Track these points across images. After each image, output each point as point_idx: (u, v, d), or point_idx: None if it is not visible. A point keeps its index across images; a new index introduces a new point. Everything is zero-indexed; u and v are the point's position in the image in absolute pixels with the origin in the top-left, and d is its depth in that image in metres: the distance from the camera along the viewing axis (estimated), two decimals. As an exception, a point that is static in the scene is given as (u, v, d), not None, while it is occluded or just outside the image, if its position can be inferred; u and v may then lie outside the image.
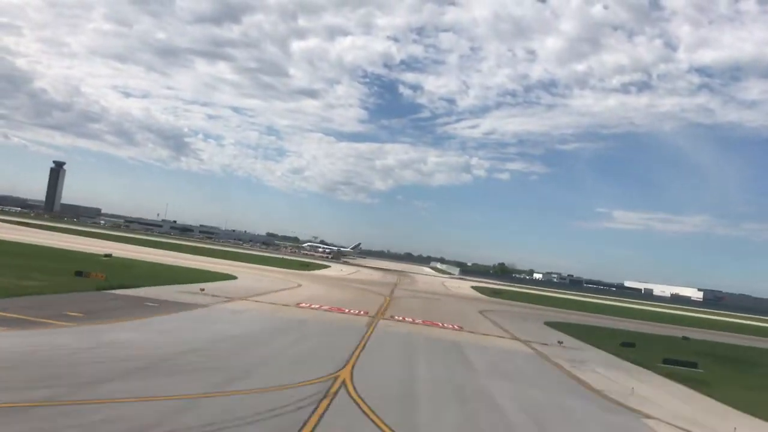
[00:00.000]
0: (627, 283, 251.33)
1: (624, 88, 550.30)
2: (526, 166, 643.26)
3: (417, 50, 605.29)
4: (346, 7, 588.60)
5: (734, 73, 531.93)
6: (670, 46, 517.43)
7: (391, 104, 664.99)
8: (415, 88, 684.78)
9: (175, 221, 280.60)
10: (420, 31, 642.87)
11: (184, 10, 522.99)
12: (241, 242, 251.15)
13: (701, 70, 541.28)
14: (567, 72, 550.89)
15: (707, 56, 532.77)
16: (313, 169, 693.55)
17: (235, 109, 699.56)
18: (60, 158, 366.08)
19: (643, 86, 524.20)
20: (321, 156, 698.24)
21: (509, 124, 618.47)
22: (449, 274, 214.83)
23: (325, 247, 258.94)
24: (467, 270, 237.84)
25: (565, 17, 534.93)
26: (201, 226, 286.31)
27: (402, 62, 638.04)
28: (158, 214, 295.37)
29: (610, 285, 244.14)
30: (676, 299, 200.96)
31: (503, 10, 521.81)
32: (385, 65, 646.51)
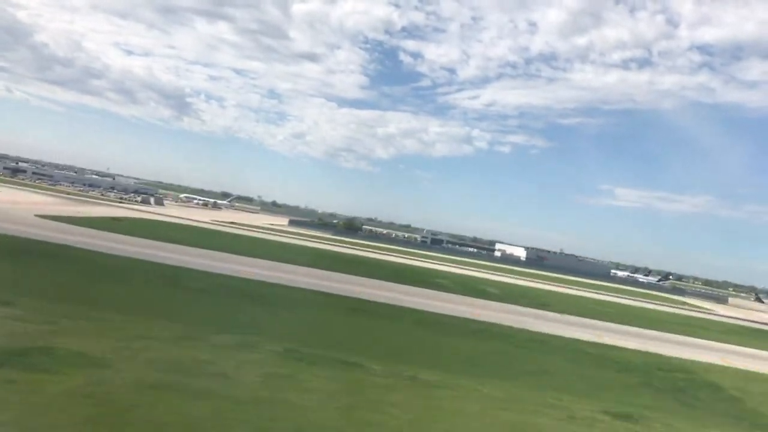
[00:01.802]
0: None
1: (624, 64, 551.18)
2: (527, 139, 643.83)
3: (418, 17, 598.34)
4: None
5: (735, 52, 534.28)
6: (672, 22, 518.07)
7: (392, 71, 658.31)
8: (416, 56, 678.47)
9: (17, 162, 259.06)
10: None
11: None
12: (86, 187, 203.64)
13: (702, 48, 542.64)
14: (568, 45, 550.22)
15: (708, 34, 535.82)
16: (315, 134, 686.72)
17: (237, 71, 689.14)
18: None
19: (644, 63, 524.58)
20: (322, 121, 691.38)
21: (510, 95, 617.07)
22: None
23: (201, 198, 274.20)
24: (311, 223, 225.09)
25: None
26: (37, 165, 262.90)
27: (403, 29, 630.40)
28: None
29: (469, 245, 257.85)
30: (504, 258, 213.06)
31: None
32: (386, 31, 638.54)
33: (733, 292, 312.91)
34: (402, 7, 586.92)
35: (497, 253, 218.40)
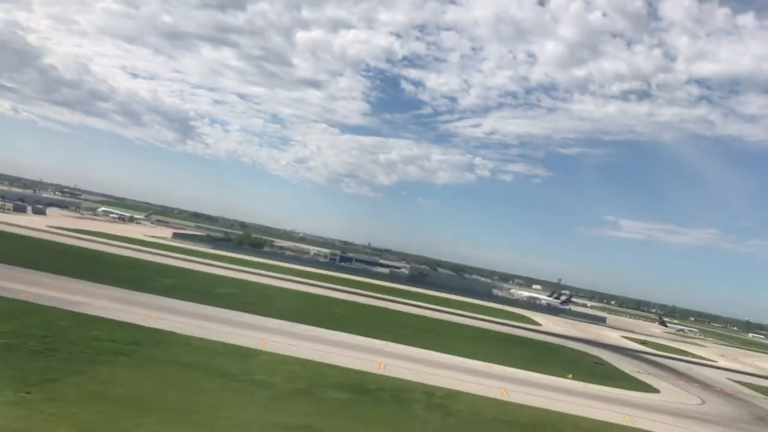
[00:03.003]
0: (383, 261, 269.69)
1: (624, 96, 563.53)
2: (529, 169, 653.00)
3: (419, 47, 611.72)
4: (349, 0, 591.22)
5: (732, 86, 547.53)
6: (669, 56, 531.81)
7: (393, 99, 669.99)
8: (417, 84, 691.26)
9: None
10: (422, 28, 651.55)
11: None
12: None
13: (700, 82, 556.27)
14: (567, 76, 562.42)
15: (706, 68, 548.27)
16: (317, 159, 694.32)
17: (241, 96, 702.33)
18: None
19: (643, 95, 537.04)
20: (325, 147, 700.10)
21: (510, 125, 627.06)
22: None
23: (118, 213, 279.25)
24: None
25: (564, 22, 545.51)
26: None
27: (404, 58, 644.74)
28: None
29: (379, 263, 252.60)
30: (393, 275, 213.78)
31: (504, 12, 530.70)
32: (388, 60, 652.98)
33: (649, 317, 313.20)
34: (403, 38, 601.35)
35: (386, 270, 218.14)
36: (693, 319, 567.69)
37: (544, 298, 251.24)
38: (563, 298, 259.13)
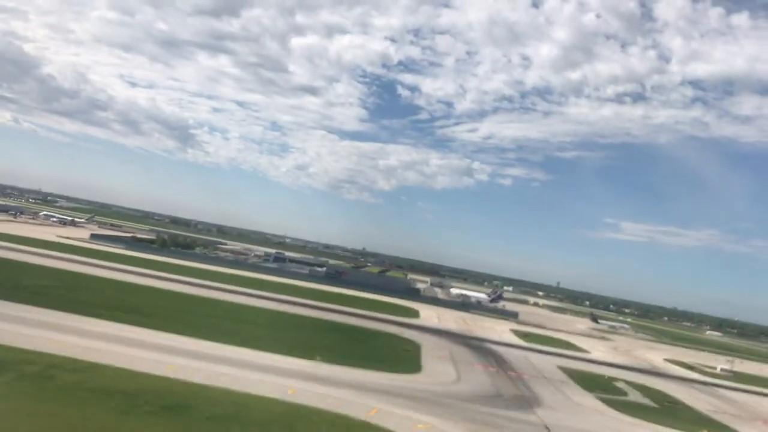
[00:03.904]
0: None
1: (619, 98, 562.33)
2: (527, 172, 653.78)
3: (414, 51, 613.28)
4: (343, 5, 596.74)
5: (727, 87, 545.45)
6: (663, 57, 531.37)
7: (390, 104, 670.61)
8: (413, 89, 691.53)
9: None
10: (416, 32, 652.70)
11: (184, 1, 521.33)
12: None
13: (694, 83, 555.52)
14: (562, 80, 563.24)
15: (700, 69, 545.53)
16: (317, 166, 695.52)
17: (239, 103, 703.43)
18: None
19: (638, 97, 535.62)
20: (324, 153, 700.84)
21: (507, 129, 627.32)
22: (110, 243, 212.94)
23: (59, 216, 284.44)
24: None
25: (558, 24, 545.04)
26: None
27: (400, 63, 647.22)
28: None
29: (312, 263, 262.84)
30: (311, 274, 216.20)
31: (497, 15, 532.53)
32: (384, 65, 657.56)
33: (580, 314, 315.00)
34: (398, 42, 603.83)
35: (306, 270, 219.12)
36: (666, 318, 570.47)
37: (474, 295, 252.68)
38: (493, 296, 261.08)
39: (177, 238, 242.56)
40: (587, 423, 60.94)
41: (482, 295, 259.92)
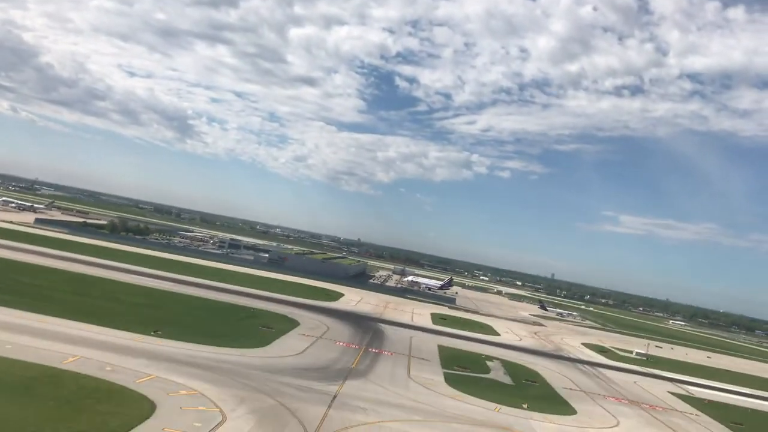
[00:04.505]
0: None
1: (617, 91, 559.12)
2: (525, 165, 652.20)
3: (412, 43, 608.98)
4: None
5: (724, 80, 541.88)
6: (661, 50, 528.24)
7: (388, 96, 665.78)
8: (411, 81, 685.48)
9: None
10: (414, 23, 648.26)
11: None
12: None
13: (692, 77, 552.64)
14: (560, 72, 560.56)
15: (697, 63, 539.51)
16: (316, 157, 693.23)
17: (238, 94, 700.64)
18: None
19: (636, 90, 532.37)
20: (323, 145, 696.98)
21: (505, 121, 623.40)
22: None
23: (18, 202, 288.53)
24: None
25: (555, 17, 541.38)
26: None
27: (398, 54, 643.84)
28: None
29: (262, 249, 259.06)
30: (256, 260, 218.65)
31: (495, 7, 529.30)
32: (382, 56, 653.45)
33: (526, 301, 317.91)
34: (396, 33, 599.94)
35: (251, 257, 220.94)
36: (641, 309, 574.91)
37: (426, 283, 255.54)
38: (444, 283, 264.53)
39: (128, 224, 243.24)
40: (388, 394, 62.56)
41: (434, 283, 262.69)
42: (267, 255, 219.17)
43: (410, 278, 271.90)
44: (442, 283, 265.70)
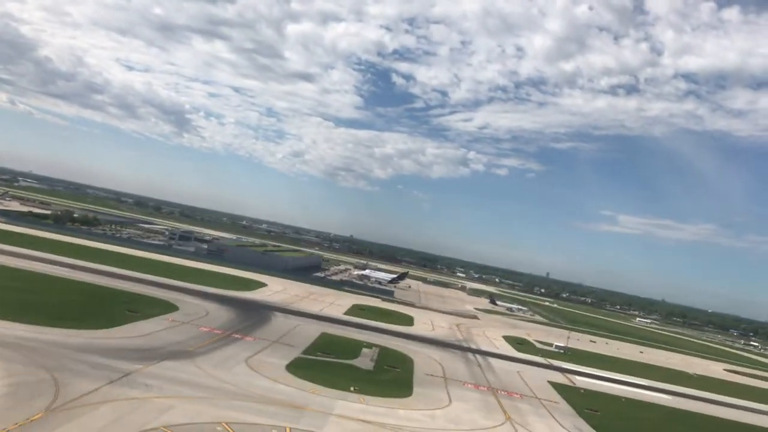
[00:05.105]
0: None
1: (612, 90, 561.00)
2: (522, 163, 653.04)
3: (409, 40, 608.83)
4: None
5: (719, 81, 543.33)
6: (656, 50, 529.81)
7: (385, 92, 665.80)
8: (408, 78, 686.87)
9: None
10: (411, 21, 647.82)
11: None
12: None
13: (687, 77, 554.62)
14: (555, 70, 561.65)
15: (692, 63, 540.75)
16: (313, 153, 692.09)
17: (235, 89, 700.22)
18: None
19: (631, 89, 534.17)
20: (320, 140, 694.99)
21: (502, 119, 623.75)
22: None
23: None
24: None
25: (551, 16, 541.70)
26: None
27: (395, 51, 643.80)
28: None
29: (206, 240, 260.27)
30: (197, 251, 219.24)
31: (491, 5, 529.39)
32: (379, 53, 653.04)
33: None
34: (393, 31, 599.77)
35: (192, 248, 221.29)
36: (618, 307, 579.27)
37: (376, 276, 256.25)
38: (395, 278, 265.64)
39: (73, 215, 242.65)
40: (198, 374, 62.86)
41: (385, 276, 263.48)
42: (206, 247, 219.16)
43: (361, 272, 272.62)
44: (393, 277, 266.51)
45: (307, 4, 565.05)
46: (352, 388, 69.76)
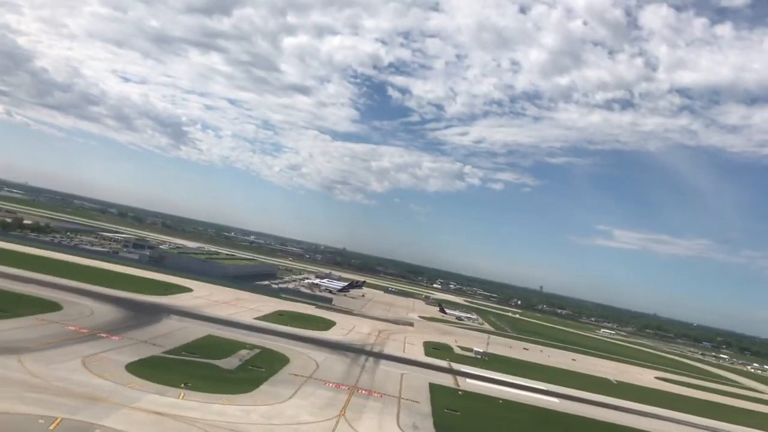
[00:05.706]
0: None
1: (607, 105, 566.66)
2: (517, 177, 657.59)
3: (404, 54, 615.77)
4: (333, 6, 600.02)
5: (713, 96, 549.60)
6: (650, 65, 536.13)
7: (381, 106, 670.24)
8: (404, 91, 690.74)
9: None
10: (406, 34, 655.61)
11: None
12: None
13: (682, 92, 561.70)
14: (551, 85, 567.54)
15: (686, 78, 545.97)
16: (310, 166, 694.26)
17: (231, 101, 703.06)
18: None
19: (626, 104, 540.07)
20: (317, 154, 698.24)
21: (497, 133, 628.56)
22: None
23: None
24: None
25: (546, 30, 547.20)
26: None
27: (390, 65, 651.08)
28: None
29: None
30: (140, 258, 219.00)
31: (486, 20, 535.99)
32: (374, 66, 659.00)
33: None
34: (389, 44, 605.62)
35: (136, 255, 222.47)
36: (593, 319, 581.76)
37: (327, 285, 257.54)
38: (344, 285, 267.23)
39: (22, 221, 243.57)
40: (20, 370, 64.49)
41: (337, 285, 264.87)
42: (148, 254, 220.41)
43: (315, 280, 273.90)
44: (344, 285, 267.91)
45: (302, 17, 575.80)
46: (182, 385, 71.11)
